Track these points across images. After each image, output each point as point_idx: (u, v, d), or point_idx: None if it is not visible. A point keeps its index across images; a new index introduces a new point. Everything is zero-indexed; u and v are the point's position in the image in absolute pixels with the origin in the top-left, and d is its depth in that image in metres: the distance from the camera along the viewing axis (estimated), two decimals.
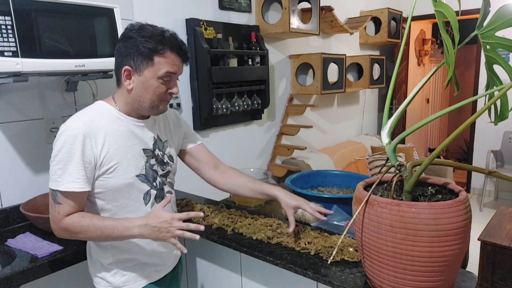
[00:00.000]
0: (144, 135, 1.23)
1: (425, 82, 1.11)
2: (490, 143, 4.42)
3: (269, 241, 1.39)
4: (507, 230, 2.46)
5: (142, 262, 1.26)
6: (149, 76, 1.12)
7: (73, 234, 1.12)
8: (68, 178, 1.08)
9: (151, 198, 1.24)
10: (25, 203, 1.53)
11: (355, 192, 1.06)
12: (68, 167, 1.08)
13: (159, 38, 1.10)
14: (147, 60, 1.11)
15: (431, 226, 0.89)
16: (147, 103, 1.15)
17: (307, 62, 3.08)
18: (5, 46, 1.25)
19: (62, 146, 1.08)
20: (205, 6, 2.36)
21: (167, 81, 1.14)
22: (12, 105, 1.60)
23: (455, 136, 0.93)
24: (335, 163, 3.24)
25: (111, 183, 1.15)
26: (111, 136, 1.14)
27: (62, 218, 1.10)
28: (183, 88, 2.29)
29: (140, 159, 1.20)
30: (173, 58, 1.13)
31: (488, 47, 1.06)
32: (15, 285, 1.19)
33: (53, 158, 1.09)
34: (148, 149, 1.23)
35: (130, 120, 1.20)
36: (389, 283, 0.99)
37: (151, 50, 1.10)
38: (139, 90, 1.14)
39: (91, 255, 1.27)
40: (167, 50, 1.11)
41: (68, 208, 1.10)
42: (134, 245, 1.23)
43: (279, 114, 3.08)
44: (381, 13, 3.87)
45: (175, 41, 1.14)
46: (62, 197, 1.09)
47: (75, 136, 1.08)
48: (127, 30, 1.14)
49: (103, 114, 1.16)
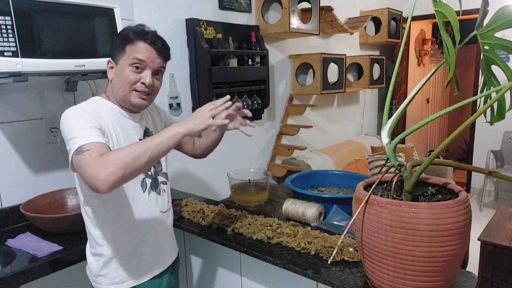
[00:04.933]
0: (136, 127, 1.27)
1: (425, 82, 1.11)
2: (490, 143, 4.42)
3: (269, 241, 1.39)
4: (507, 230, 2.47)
5: (145, 253, 1.27)
6: (122, 64, 1.18)
7: (116, 163, 0.96)
8: (86, 137, 1.03)
9: (147, 186, 1.28)
10: (25, 203, 1.53)
11: (355, 192, 1.06)
12: (83, 129, 1.05)
13: (132, 32, 1.18)
14: (121, 50, 1.18)
15: (431, 226, 0.89)
16: (120, 91, 1.20)
17: (307, 62, 3.08)
18: (5, 46, 1.25)
19: (70, 120, 1.08)
20: (205, 6, 2.36)
21: (138, 69, 1.18)
22: (12, 105, 1.60)
23: (455, 136, 0.93)
24: (335, 163, 3.24)
25: None
26: (111, 127, 1.18)
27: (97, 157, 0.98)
28: (183, 88, 2.29)
29: None
30: (144, 48, 1.18)
31: (486, 48, 1.06)
32: (15, 285, 1.20)
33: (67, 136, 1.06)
34: (141, 139, 1.25)
35: (123, 112, 1.24)
36: (389, 283, 0.99)
37: (124, 41, 1.18)
38: (116, 80, 1.20)
39: (91, 253, 1.27)
40: (138, 40, 1.18)
41: (98, 150, 1.00)
42: (136, 236, 1.25)
43: (279, 114, 3.08)
44: (381, 13, 3.87)
45: (150, 34, 1.20)
46: (88, 146, 1.01)
47: (90, 109, 1.13)
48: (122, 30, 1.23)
49: (100, 106, 1.21)
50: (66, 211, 1.60)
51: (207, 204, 1.75)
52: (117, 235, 1.22)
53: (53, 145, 1.72)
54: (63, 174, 1.77)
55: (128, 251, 1.24)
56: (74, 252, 1.34)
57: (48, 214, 1.48)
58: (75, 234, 1.46)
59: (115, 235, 1.22)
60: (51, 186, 1.70)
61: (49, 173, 1.72)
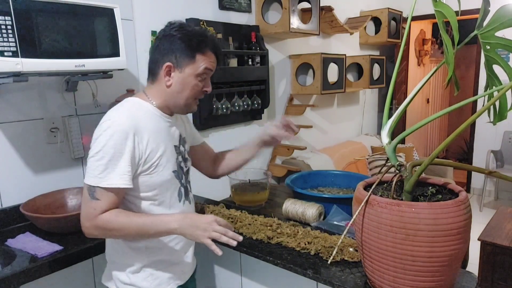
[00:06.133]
0: (174, 132, 1.24)
1: (425, 82, 1.11)
2: (490, 143, 4.42)
3: (269, 241, 1.39)
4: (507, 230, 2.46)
5: (173, 263, 1.24)
6: (189, 73, 1.14)
7: (106, 232, 1.07)
8: (113, 174, 1.04)
9: (183, 195, 1.25)
10: (25, 203, 1.53)
11: (355, 192, 1.06)
12: (115, 162, 1.04)
13: (201, 38, 1.14)
14: (189, 58, 1.13)
15: (431, 226, 0.89)
16: (183, 100, 1.17)
17: (307, 62, 3.08)
18: (5, 46, 1.25)
19: (109, 140, 1.04)
20: (205, 6, 2.36)
21: (203, 79, 1.17)
22: (12, 105, 1.60)
23: (455, 136, 0.93)
24: (335, 163, 3.24)
25: (152, 180, 1.14)
26: (152, 133, 1.13)
27: (98, 214, 1.05)
28: None
29: (173, 156, 1.21)
30: (211, 57, 1.17)
31: (487, 47, 1.06)
32: (15, 285, 1.19)
33: (95, 153, 1.05)
34: (176, 146, 1.24)
35: (164, 117, 1.20)
36: (389, 283, 0.99)
37: (194, 48, 1.13)
38: (178, 87, 1.15)
39: (115, 261, 1.21)
40: (208, 48, 1.15)
41: (106, 204, 1.05)
42: (165, 245, 1.21)
43: (279, 114, 3.08)
44: (381, 13, 3.87)
45: (215, 42, 1.18)
46: (102, 193, 1.05)
47: (125, 132, 1.06)
48: (167, 28, 1.15)
49: (141, 110, 1.15)
50: (66, 211, 1.60)
51: (207, 204, 1.75)
52: (150, 245, 1.18)
53: (53, 145, 1.72)
54: (63, 174, 1.77)
55: (158, 261, 1.20)
56: (74, 252, 1.34)
57: (48, 214, 1.48)
58: (75, 234, 1.45)
59: (148, 245, 1.18)
60: (51, 186, 1.70)
61: (49, 173, 1.72)
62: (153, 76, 1.18)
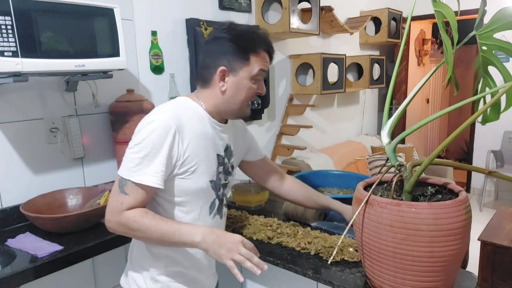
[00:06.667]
0: (220, 140, 1.16)
1: (425, 82, 1.11)
2: (490, 143, 4.42)
3: (269, 241, 1.39)
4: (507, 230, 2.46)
5: (192, 278, 1.17)
6: (243, 76, 1.08)
7: (128, 231, 1.02)
8: (146, 170, 1.00)
9: (215, 208, 1.17)
10: (25, 203, 1.53)
11: (355, 192, 1.06)
12: (151, 158, 1.00)
13: (254, 37, 1.09)
14: (243, 60, 1.08)
15: (431, 226, 0.89)
16: (238, 105, 1.11)
17: (307, 62, 3.08)
18: (5, 46, 1.25)
19: (150, 134, 1.00)
20: (205, 6, 2.36)
21: (257, 81, 1.12)
22: (12, 105, 1.60)
23: (455, 136, 0.93)
24: (335, 163, 3.24)
25: (186, 185, 1.08)
26: (195, 135, 1.07)
27: (124, 210, 1.00)
28: (183, 88, 2.29)
29: (213, 165, 1.14)
30: (265, 57, 1.11)
31: (484, 48, 1.06)
32: (15, 285, 1.19)
33: (134, 145, 1.01)
34: (220, 155, 1.16)
35: (212, 122, 1.13)
36: (389, 283, 0.99)
37: (247, 49, 1.07)
38: (232, 91, 1.10)
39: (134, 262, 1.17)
40: (261, 49, 1.10)
41: (133, 201, 1.01)
42: (187, 259, 1.15)
43: (279, 114, 3.08)
44: (381, 13, 3.87)
45: (267, 40, 1.12)
46: (132, 188, 1.00)
47: (168, 127, 1.01)
48: (217, 31, 1.11)
49: (188, 110, 1.10)
50: (66, 211, 1.60)
51: None
52: (170, 254, 1.12)
53: (53, 145, 1.72)
54: (63, 174, 1.77)
55: (176, 273, 1.14)
56: (74, 252, 1.34)
57: (48, 214, 1.48)
58: (75, 234, 1.45)
59: (168, 253, 1.12)
60: (51, 186, 1.70)
61: (49, 173, 1.72)
62: (205, 81, 1.12)
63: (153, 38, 2.08)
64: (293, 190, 1.45)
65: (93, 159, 1.87)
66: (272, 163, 1.45)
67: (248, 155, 1.36)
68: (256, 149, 1.38)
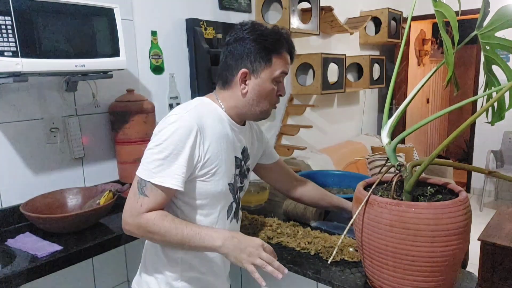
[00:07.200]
0: (238, 142, 1.14)
1: (425, 82, 1.11)
2: (490, 143, 4.42)
3: (269, 241, 1.39)
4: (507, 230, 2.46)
5: (208, 283, 1.16)
6: (265, 78, 1.06)
7: (147, 234, 0.99)
8: (167, 171, 0.97)
9: (232, 212, 1.15)
10: (25, 203, 1.53)
11: (355, 192, 1.06)
12: (172, 159, 0.97)
13: (276, 37, 1.06)
14: (265, 61, 1.05)
15: (431, 226, 0.89)
16: (259, 107, 1.09)
17: (307, 62, 3.08)
18: (5, 46, 1.25)
19: (172, 135, 0.97)
20: (205, 6, 2.36)
21: (278, 83, 1.10)
22: (12, 105, 1.60)
23: (455, 136, 0.93)
24: (335, 163, 3.24)
25: (206, 187, 1.06)
26: (216, 137, 1.05)
27: (143, 212, 0.98)
28: (183, 88, 2.29)
29: (232, 167, 1.12)
30: (287, 58, 1.09)
31: (487, 48, 1.06)
32: (15, 285, 1.19)
33: (155, 146, 0.98)
34: (238, 158, 1.14)
35: (231, 123, 1.11)
36: (389, 283, 0.99)
37: (270, 50, 1.05)
38: (253, 94, 1.07)
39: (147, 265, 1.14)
40: (284, 50, 1.07)
41: (153, 203, 0.98)
42: (204, 264, 1.13)
43: (279, 114, 3.08)
44: (381, 13, 3.87)
45: (290, 41, 1.09)
46: (151, 189, 0.98)
47: (190, 128, 0.98)
48: (239, 30, 1.07)
49: (209, 111, 1.07)
50: (66, 211, 1.60)
51: None
52: (186, 259, 1.10)
53: (53, 145, 1.72)
54: (63, 174, 1.77)
55: (192, 279, 1.12)
56: (74, 252, 1.34)
57: (48, 214, 1.48)
58: (75, 234, 1.45)
59: (184, 258, 1.10)
60: (51, 186, 1.70)
61: (49, 173, 1.72)
62: (226, 83, 1.10)
63: (153, 38, 2.08)
64: (307, 192, 1.42)
65: (93, 159, 1.87)
66: (285, 166, 1.44)
67: (263, 158, 1.35)
68: (271, 152, 1.37)
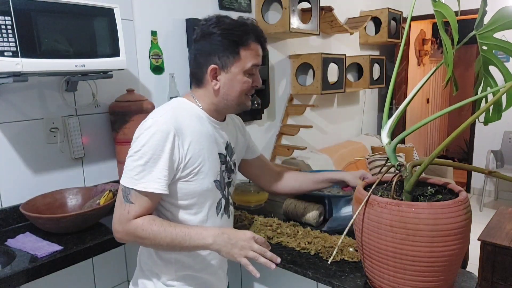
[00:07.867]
0: (220, 138, 1.14)
1: (425, 82, 1.11)
2: (490, 143, 4.42)
3: (269, 241, 1.39)
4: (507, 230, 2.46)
5: (203, 281, 1.16)
6: (236, 72, 1.06)
7: (137, 239, 1.01)
8: (149, 177, 0.98)
9: (222, 207, 1.16)
10: (25, 203, 1.53)
11: (355, 192, 1.06)
12: (152, 164, 0.98)
13: (242, 29, 1.04)
14: (233, 55, 1.04)
15: (431, 226, 0.89)
16: (235, 100, 1.09)
17: (307, 62, 3.08)
18: (5, 46, 1.25)
19: (149, 140, 0.98)
20: (205, 6, 2.36)
21: (251, 75, 1.09)
22: (12, 105, 1.60)
23: (455, 136, 0.93)
24: (335, 163, 3.24)
25: (191, 187, 1.06)
26: (196, 136, 1.05)
27: (131, 219, 0.99)
28: (183, 88, 2.29)
29: (217, 164, 1.12)
30: (256, 48, 1.07)
31: (485, 48, 1.06)
32: (15, 285, 1.19)
33: (134, 152, 0.99)
34: (222, 154, 1.14)
35: (210, 121, 1.11)
36: (389, 283, 0.99)
37: (237, 44, 1.04)
38: (226, 89, 1.08)
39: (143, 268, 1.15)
40: (251, 40, 1.05)
41: (140, 209, 1.00)
42: (197, 262, 1.13)
43: (279, 114, 3.08)
44: (381, 13, 3.87)
45: (257, 29, 1.07)
46: (136, 196, 0.99)
47: (166, 132, 0.99)
48: (204, 26, 1.06)
49: (186, 111, 1.08)
50: (66, 211, 1.60)
51: None
52: (180, 258, 1.10)
53: (53, 145, 1.72)
54: (63, 174, 1.77)
55: (187, 277, 1.13)
56: (74, 252, 1.34)
57: (48, 214, 1.48)
58: (75, 234, 1.45)
59: (178, 258, 1.10)
60: (51, 186, 1.70)
61: (49, 173, 1.72)
62: (198, 81, 1.10)
63: (153, 38, 2.08)
64: (287, 181, 1.40)
65: (93, 159, 1.87)
66: (266, 161, 1.43)
67: (247, 153, 1.35)
68: (253, 147, 1.37)
